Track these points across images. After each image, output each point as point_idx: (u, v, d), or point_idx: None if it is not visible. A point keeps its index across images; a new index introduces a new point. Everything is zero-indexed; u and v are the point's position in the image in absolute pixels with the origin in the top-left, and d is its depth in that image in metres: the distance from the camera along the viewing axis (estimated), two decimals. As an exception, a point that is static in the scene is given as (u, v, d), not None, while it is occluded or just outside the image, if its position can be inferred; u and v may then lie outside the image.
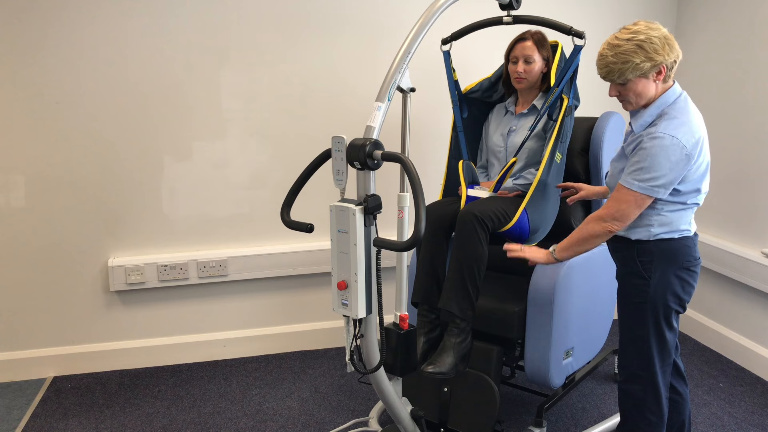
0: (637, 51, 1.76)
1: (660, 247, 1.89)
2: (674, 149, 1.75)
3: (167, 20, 2.86)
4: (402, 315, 2.07)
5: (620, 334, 2.04)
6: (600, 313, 2.57)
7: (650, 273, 1.89)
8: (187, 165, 3.01)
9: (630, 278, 1.94)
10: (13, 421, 2.64)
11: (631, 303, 1.95)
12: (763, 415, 2.67)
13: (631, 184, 1.80)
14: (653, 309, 1.91)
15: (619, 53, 1.77)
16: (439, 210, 2.38)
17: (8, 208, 2.87)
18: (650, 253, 1.90)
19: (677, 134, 1.75)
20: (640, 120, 1.86)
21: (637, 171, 1.79)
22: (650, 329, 1.93)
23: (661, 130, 1.76)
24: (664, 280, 1.89)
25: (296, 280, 3.25)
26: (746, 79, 3.02)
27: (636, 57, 1.76)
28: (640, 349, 1.95)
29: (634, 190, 1.80)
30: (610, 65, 1.79)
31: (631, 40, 1.76)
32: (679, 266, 1.90)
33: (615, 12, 3.36)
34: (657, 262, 1.89)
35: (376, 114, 1.82)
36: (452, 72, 2.59)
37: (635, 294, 1.93)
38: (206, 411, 2.73)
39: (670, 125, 1.77)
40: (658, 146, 1.75)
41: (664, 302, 1.90)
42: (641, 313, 1.93)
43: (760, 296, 2.99)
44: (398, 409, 2.12)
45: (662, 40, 1.77)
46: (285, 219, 1.94)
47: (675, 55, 1.80)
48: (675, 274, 1.90)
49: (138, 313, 3.10)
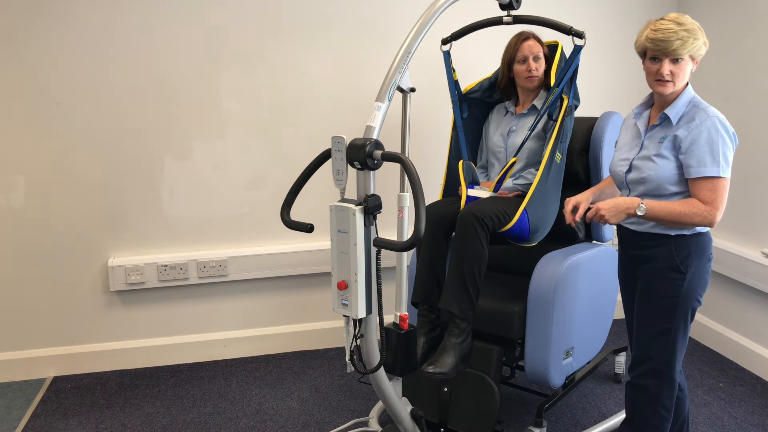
0: (699, 32, 1.83)
1: (696, 241, 1.93)
2: (727, 127, 1.84)
3: (167, 20, 2.86)
4: (402, 315, 2.07)
5: (640, 329, 2.02)
6: (600, 313, 2.56)
7: (687, 267, 1.92)
8: (187, 165, 3.01)
9: (665, 272, 1.94)
10: (13, 421, 2.64)
11: (663, 297, 1.95)
12: (763, 415, 2.67)
13: (718, 172, 1.83)
14: (684, 303, 1.93)
15: (689, 29, 1.81)
16: (439, 210, 2.38)
17: (8, 208, 2.87)
18: (688, 247, 1.92)
19: (719, 115, 1.85)
20: (676, 109, 1.90)
21: (713, 160, 1.83)
22: (679, 323, 1.94)
23: (712, 114, 1.84)
24: (698, 274, 1.93)
25: (296, 280, 3.25)
26: (746, 78, 3.02)
27: (701, 36, 1.83)
28: (664, 344, 1.96)
29: (723, 176, 1.83)
30: (683, 38, 1.81)
31: (685, 24, 1.82)
32: (707, 259, 1.95)
33: (615, 12, 3.36)
34: (693, 256, 1.92)
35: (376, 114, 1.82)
36: (452, 72, 2.59)
37: (669, 288, 1.93)
38: (206, 411, 2.73)
39: (715, 111, 1.85)
40: (715, 127, 1.83)
41: (695, 296, 1.94)
42: (672, 307, 1.94)
43: (760, 296, 2.99)
44: (398, 409, 2.12)
45: (701, 31, 1.84)
46: (285, 219, 1.94)
47: (706, 47, 1.88)
48: (704, 267, 1.95)
49: (138, 313, 3.10)
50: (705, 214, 1.84)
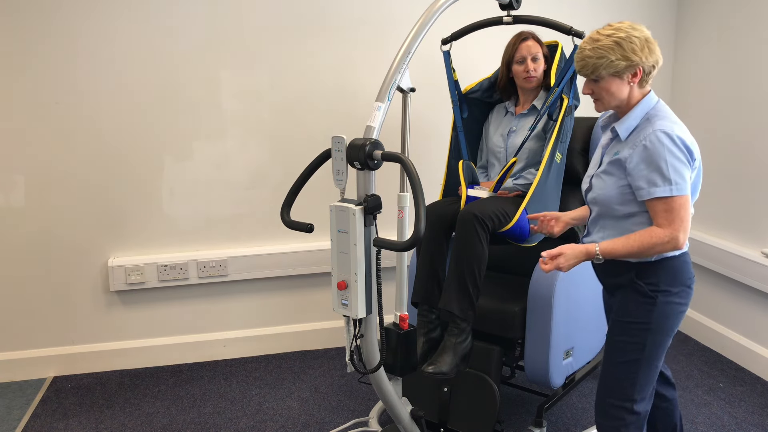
0: (614, 48, 1.69)
1: (665, 266, 1.76)
2: (678, 142, 1.68)
3: (167, 20, 2.86)
4: (402, 315, 2.08)
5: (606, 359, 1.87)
6: (600, 312, 2.56)
7: (657, 294, 1.76)
8: (188, 165, 3.01)
9: (634, 297, 1.80)
10: (13, 421, 2.64)
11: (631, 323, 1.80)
12: (763, 415, 2.67)
13: (670, 191, 1.67)
14: (655, 333, 1.78)
15: (597, 47, 1.70)
16: (439, 210, 2.38)
17: (8, 208, 2.87)
18: (654, 274, 1.77)
19: (673, 132, 1.68)
20: (625, 124, 1.77)
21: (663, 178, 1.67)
22: (648, 353, 1.79)
23: (657, 127, 1.69)
24: (668, 302, 1.77)
25: (296, 280, 3.25)
26: (746, 78, 3.02)
27: (612, 54, 1.69)
28: (631, 375, 1.81)
29: (678, 195, 1.67)
30: (585, 59, 1.72)
31: (611, 36, 1.69)
32: (681, 285, 1.79)
33: (615, 12, 3.36)
34: (663, 282, 1.77)
35: (376, 114, 1.82)
36: (452, 72, 2.59)
37: (638, 317, 1.78)
38: (206, 411, 2.73)
39: (663, 123, 1.70)
40: (666, 143, 1.67)
41: (669, 328, 1.79)
42: (643, 335, 1.78)
43: (760, 296, 2.99)
44: (398, 409, 2.12)
45: (642, 41, 1.70)
46: (285, 219, 1.94)
47: (654, 59, 1.72)
48: (677, 294, 1.78)
49: (138, 313, 3.10)
50: (666, 239, 1.68)
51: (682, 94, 3.45)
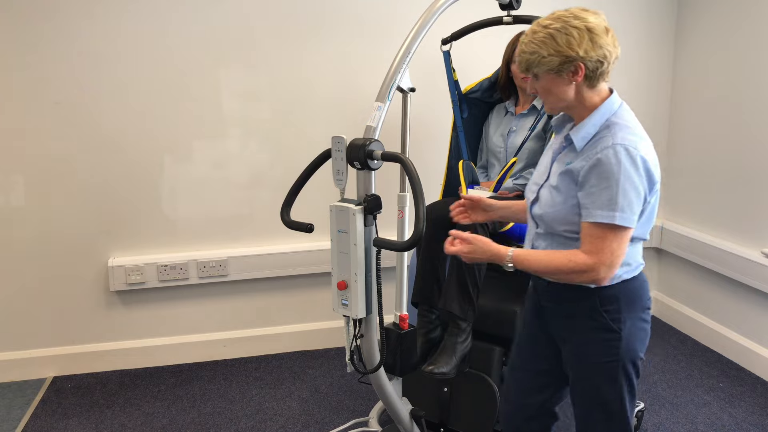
0: (547, 42, 1.46)
1: (625, 290, 1.56)
2: (638, 163, 1.44)
3: (167, 20, 2.86)
4: (402, 315, 2.07)
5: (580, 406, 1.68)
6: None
7: (620, 324, 1.55)
8: (187, 165, 3.01)
9: (595, 333, 1.58)
10: (13, 421, 2.64)
11: (599, 364, 1.59)
12: (763, 415, 2.67)
13: (611, 218, 1.44)
14: (625, 366, 1.57)
15: (531, 41, 1.48)
16: (439, 210, 2.37)
17: (8, 208, 2.87)
18: (616, 299, 1.55)
19: (637, 145, 1.44)
20: (582, 132, 1.52)
21: (609, 199, 1.43)
22: (623, 390, 1.60)
23: (619, 141, 1.44)
24: (635, 328, 1.57)
25: (296, 280, 3.25)
26: (746, 78, 3.02)
27: (543, 49, 1.46)
28: (612, 414, 1.62)
29: (616, 224, 1.44)
30: (521, 54, 1.51)
31: (547, 27, 1.47)
32: (643, 307, 1.60)
33: (615, 12, 3.35)
34: (624, 309, 1.56)
35: (376, 114, 1.82)
36: (452, 72, 2.59)
37: (604, 353, 1.57)
38: (206, 411, 2.73)
39: (626, 136, 1.45)
40: (623, 162, 1.43)
41: (636, 355, 1.59)
42: (613, 373, 1.58)
43: (760, 296, 2.99)
44: (398, 409, 2.12)
45: (582, 32, 1.45)
46: (285, 219, 1.94)
47: (600, 53, 1.47)
48: (641, 318, 1.59)
49: (138, 313, 3.10)
50: (585, 268, 1.45)
51: (682, 94, 3.45)
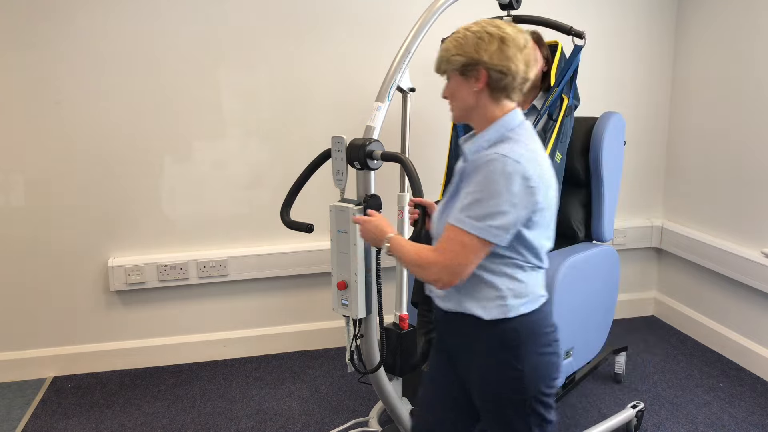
0: (459, 42, 1.45)
1: (524, 324, 1.47)
2: (516, 177, 1.34)
3: (167, 20, 2.86)
4: (402, 315, 2.08)
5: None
6: (600, 312, 2.56)
7: (522, 360, 1.46)
8: (187, 165, 3.01)
9: (497, 370, 1.49)
10: (13, 421, 2.64)
11: (508, 398, 1.50)
12: (763, 415, 2.67)
13: (463, 222, 1.37)
14: (530, 402, 1.49)
15: (449, 41, 1.47)
16: (438, 210, 2.37)
17: (8, 208, 2.87)
18: (516, 334, 1.46)
19: (521, 159, 1.35)
20: (475, 145, 1.46)
21: (471, 205, 1.36)
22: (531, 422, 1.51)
23: (501, 151, 1.37)
24: (541, 363, 1.48)
25: (296, 280, 3.25)
26: (746, 78, 3.02)
27: (453, 49, 1.45)
28: None
29: (467, 230, 1.36)
30: (439, 53, 1.50)
31: (467, 30, 1.46)
32: (546, 342, 1.50)
33: (615, 12, 3.36)
34: (525, 343, 1.47)
35: (376, 114, 1.83)
36: (452, 72, 2.59)
37: (510, 388, 1.48)
38: (206, 411, 2.73)
39: (513, 149, 1.38)
40: (498, 171, 1.34)
41: (543, 386, 1.49)
42: (520, 406, 1.49)
43: (760, 296, 2.99)
44: (398, 409, 2.12)
45: (494, 38, 1.41)
46: (285, 219, 1.94)
47: (505, 64, 1.41)
48: (544, 351, 1.49)
49: (138, 313, 3.10)
50: (426, 264, 1.41)
51: (682, 94, 3.45)
